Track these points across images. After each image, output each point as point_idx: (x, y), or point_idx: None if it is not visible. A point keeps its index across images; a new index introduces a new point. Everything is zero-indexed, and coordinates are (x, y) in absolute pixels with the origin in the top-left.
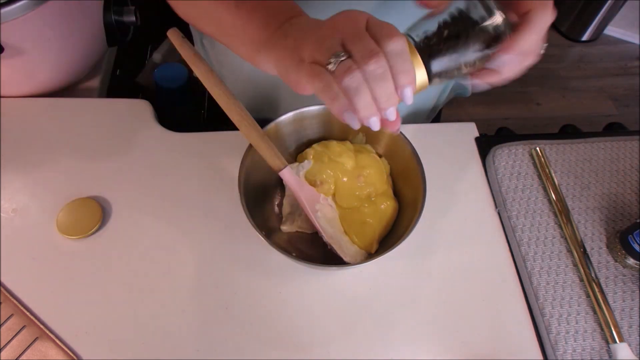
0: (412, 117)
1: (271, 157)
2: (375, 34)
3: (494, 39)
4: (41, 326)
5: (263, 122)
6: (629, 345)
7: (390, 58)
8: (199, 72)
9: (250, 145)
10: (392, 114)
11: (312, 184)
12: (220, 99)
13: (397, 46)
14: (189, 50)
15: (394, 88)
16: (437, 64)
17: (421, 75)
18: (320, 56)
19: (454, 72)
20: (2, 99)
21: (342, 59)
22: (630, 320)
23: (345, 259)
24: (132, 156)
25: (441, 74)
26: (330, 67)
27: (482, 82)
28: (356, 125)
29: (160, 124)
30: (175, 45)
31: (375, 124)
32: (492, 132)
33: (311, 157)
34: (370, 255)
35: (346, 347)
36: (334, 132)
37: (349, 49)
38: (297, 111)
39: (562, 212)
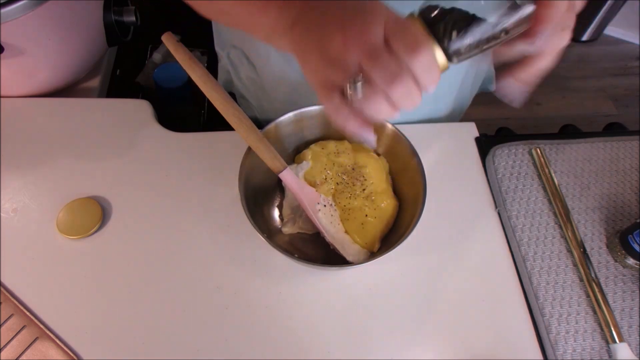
0: (450, 117)
1: (270, 159)
2: (396, 46)
3: (517, 8)
4: (41, 326)
5: None
6: (629, 345)
7: (416, 74)
8: (195, 76)
9: (250, 147)
10: None
11: (312, 184)
12: (217, 102)
13: (424, 62)
14: (184, 54)
15: (419, 97)
16: (457, 42)
17: (440, 57)
18: (334, 77)
19: (474, 49)
20: (2, 99)
21: (359, 83)
22: (630, 320)
23: (348, 258)
24: (132, 156)
25: (461, 53)
26: (348, 93)
27: (518, 82)
28: (373, 144)
29: (160, 124)
30: (170, 49)
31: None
32: (492, 132)
33: (309, 157)
34: (372, 255)
35: (346, 347)
36: (332, 131)
37: (367, 72)
38: (297, 111)
39: (562, 212)
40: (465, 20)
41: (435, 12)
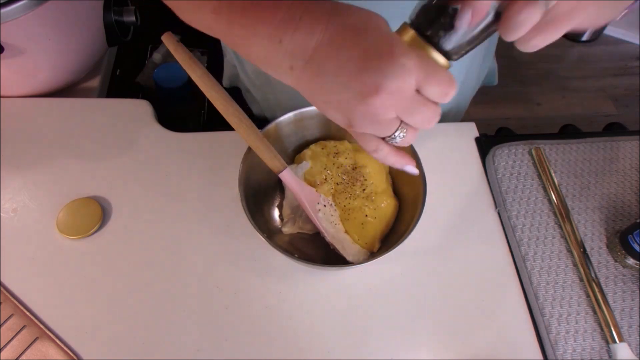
0: (454, 114)
1: (270, 159)
2: (431, 96)
3: None
4: (41, 326)
5: None
6: (629, 345)
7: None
8: (194, 76)
9: (250, 147)
10: None
11: (312, 184)
12: (217, 101)
13: (452, 95)
14: (184, 54)
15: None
16: (451, 41)
17: (440, 59)
18: (376, 132)
19: (471, 42)
20: (2, 99)
21: (400, 133)
22: (630, 320)
23: (348, 258)
24: (132, 156)
25: (460, 48)
26: (390, 141)
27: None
28: (416, 172)
29: (160, 124)
30: (170, 49)
31: None
32: (492, 132)
33: (309, 157)
34: (372, 255)
35: (346, 347)
36: (332, 131)
37: (406, 122)
38: (297, 111)
39: (562, 212)
40: (454, 15)
41: (423, 15)
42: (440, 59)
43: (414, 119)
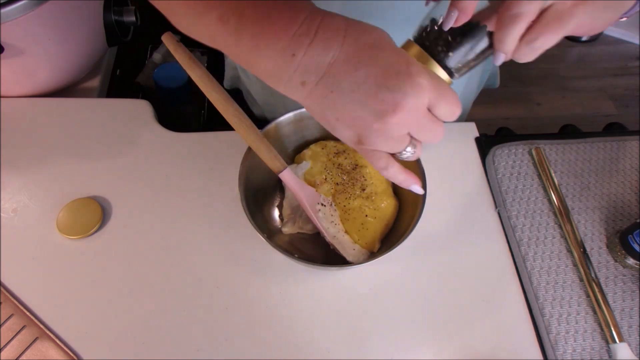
0: (457, 119)
1: (270, 159)
2: (440, 115)
3: None
4: (41, 326)
5: None
6: (629, 345)
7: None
8: (195, 76)
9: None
10: None
11: (312, 184)
12: (217, 102)
13: (457, 115)
14: (184, 54)
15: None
16: (455, 59)
17: (443, 76)
18: (388, 148)
19: (474, 60)
20: (2, 99)
21: (409, 148)
22: (630, 320)
23: (348, 258)
24: (132, 156)
25: (462, 66)
26: (399, 157)
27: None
28: (421, 192)
29: (160, 124)
30: (170, 49)
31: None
32: (492, 132)
33: (309, 157)
34: (372, 255)
35: (346, 347)
36: None
37: (416, 137)
38: (297, 111)
39: (562, 212)
40: (461, 34)
41: (429, 30)
42: (443, 75)
43: (424, 135)
